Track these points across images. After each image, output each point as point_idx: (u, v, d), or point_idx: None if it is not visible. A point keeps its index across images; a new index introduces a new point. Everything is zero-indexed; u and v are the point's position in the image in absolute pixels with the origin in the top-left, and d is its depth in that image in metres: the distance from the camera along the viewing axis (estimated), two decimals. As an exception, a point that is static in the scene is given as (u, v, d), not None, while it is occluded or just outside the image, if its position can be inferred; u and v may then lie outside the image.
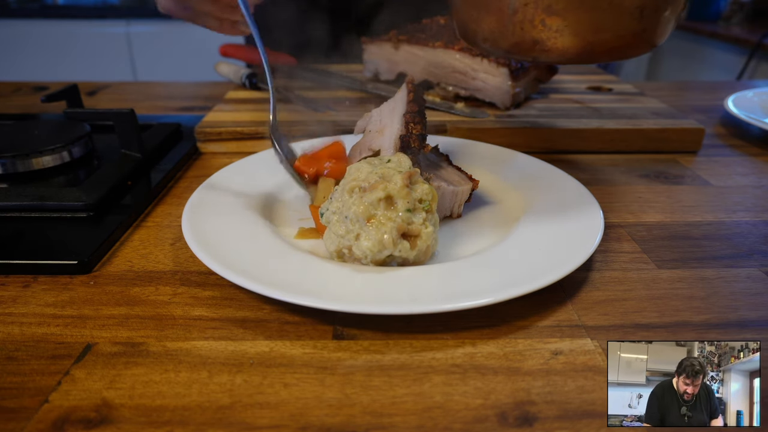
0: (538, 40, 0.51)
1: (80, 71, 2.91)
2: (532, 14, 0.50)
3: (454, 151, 0.71)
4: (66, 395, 0.36)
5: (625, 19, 0.49)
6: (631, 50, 0.53)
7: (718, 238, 0.57)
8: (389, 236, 0.45)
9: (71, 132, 0.73)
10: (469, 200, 0.57)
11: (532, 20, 0.50)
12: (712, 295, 0.47)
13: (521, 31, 0.52)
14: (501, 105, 0.87)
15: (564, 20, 0.50)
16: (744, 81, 2.12)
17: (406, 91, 0.61)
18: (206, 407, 0.35)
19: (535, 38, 0.51)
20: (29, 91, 1.15)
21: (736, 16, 2.67)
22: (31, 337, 0.42)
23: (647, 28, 0.50)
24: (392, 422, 0.34)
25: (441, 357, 0.40)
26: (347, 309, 0.40)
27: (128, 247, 0.54)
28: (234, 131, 0.79)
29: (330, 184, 0.57)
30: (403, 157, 0.50)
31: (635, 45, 0.52)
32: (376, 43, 0.99)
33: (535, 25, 0.51)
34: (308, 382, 0.37)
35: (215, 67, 1.09)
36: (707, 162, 0.78)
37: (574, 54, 0.52)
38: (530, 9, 0.50)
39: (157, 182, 0.67)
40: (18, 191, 0.60)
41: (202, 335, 0.42)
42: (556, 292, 0.47)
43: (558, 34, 0.50)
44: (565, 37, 0.50)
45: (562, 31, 0.50)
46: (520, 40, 0.52)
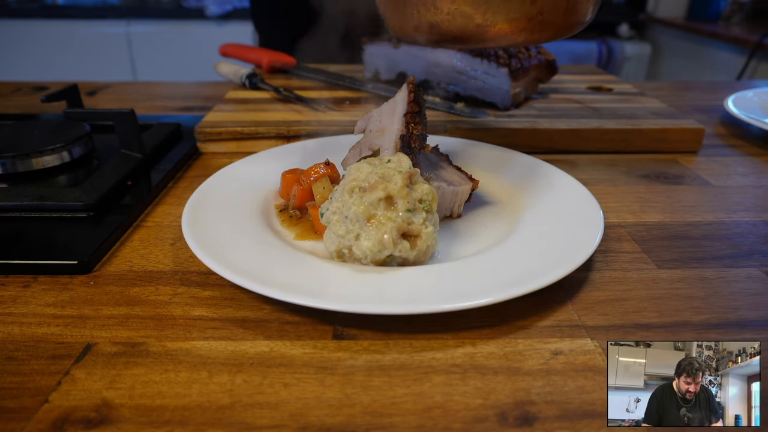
0: (433, 23, 0.52)
1: (80, 71, 2.92)
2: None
3: (454, 151, 0.71)
4: (66, 395, 0.36)
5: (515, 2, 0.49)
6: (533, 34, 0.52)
7: (718, 238, 0.57)
8: (389, 236, 0.45)
9: (71, 132, 0.73)
10: (469, 200, 0.57)
11: (425, 3, 0.51)
12: (712, 295, 0.47)
13: (417, 14, 0.52)
14: (501, 105, 0.87)
15: (452, 3, 0.50)
16: (744, 81, 2.12)
17: (406, 91, 0.61)
18: (206, 407, 0.35)
19: (430, 21, 0.52)
20: (29, 91, 1.15)
21: (736, 16, 2.67)
22: (31, 337, 0.42)
23: (544, 11, 0.49)
24: (392, 422, 0.34)
25: (441, 357, 0.40)
26: (347, 309, 0.40)
27: (128, 247, 0.54)
28: (234, 131, 0.79)
29: (323, 185, 0.57)
30: (403, 157, 0.50)
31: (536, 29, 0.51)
32: (376, 43, 1.00)
33: (429, 9, 0.51)
34: (308, 382, 0.37)
35: (215, 67, 1.09)
36: (707, 162, 0.78)
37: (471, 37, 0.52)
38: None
39: (157, 182, 0.67)
40: (18, 191, 0.60)
41: (202, 335, 0.42)
42: (556, 292, 0.47)
43: (450, 17, 0.51)
44: (457, 20, 0.51)
45: (452, 13, 0.50)
46: (417, 23, 0.53)
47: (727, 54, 2.45)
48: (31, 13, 2.95)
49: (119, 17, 3.00)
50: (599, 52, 2.97)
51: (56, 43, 2.96)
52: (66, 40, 2.96)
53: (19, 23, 2.93)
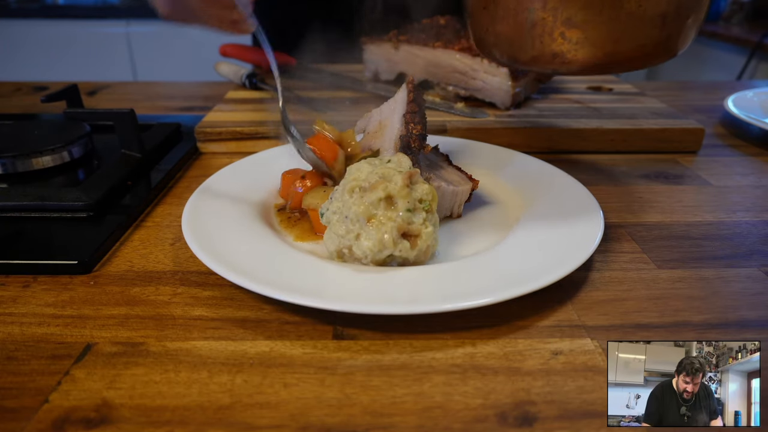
0: (557, 53, 0.50)
1: (80, 71, 2.92)
2: (551, 27, 0.49)
3: (454, 151, 0.71)
4: (66, 395, 0.36)
5: (647, 28, 0.48)
6: (652, 59, 0.51)
7: (718, 238, 0.57)
8: (389, 236, 0.45)
9: (71, 132, 0.73)
10: (469, 200, 0.57)
11: (551, 33, 0.49)
12: (712, 295, 0.47)
13: (540, 44, 0.50)
14: (501, 105, 0.87)
15: (584, 32, 0.48)
16: (744, 81, 2.12)
17: (406, 91, 0.61)
18: (206, 407, 0.35)
19: (554, 51, 0.50)
20: (29, 91, 1.15)
21: (736, 16, 2.67)
22: (31, 337, 0.42)
23: (671, 36, 0.49)
24: (392, 422, 0.34)
25: (441, 357, 0.40)
26: (347, 309, 0.40)
27: (128, 247, 0.54)
28: (234, 131, 0.79)
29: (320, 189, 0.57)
30: (403, 157, 0.50)
31: (657, 54, 0.51)
32: (376, 43, 0.99)
33: (555, 38, 0.49)
34: (308, 382, 0.37)
35: (215, 67, 1.09)
36: (707, 162, 0.78)
37: (594, 65, 0.51)
38: (549, 22, 0.49)
39: (157, 182, 0.67)
40: (18, 191, 0.60)
41: (202, 335, 0.42)
42: (556, 292, 0.47)
43: (578, 46, 0.49)
44: (585, 49, 0.49)
45: (582, 43, 0.49)
46: (539, 53, 0.51)
47: (727, 54, 2.44)
48: (31, 13, 2.94)
49: (119, 17, 2.99)
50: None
51: (56, 43, 2.96)
52: (66, 40, 2.96)
53: (19, 23, 2.93)
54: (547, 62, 0.52)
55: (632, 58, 0.50)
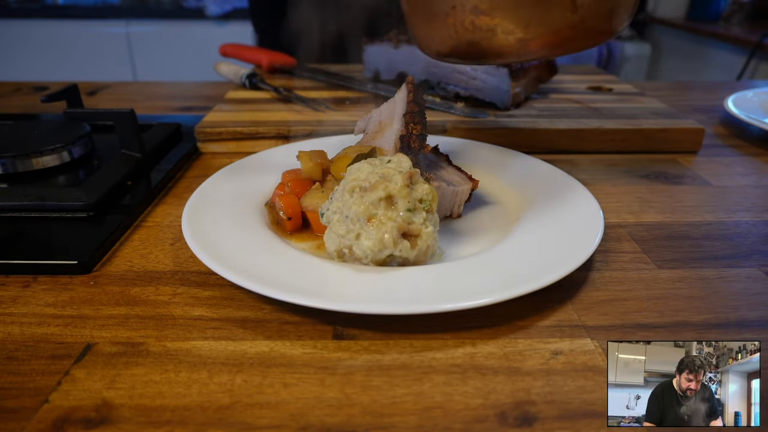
0: (473, 42, 0.51)
1: (80, 71, 2.92)
2: (461, 16, 0.50)
3: (454, 151, 0.71)
4: (66, 395, 0.36)
5: (555, 12, 0.47)
6: (578, 42, 0.50)
7: (718, 238, 0.57)
8: (390, 236, 0.45)
9: (71, 132, 0.73)
10: (469, 200, 0.57)
11: (463, 22, 0.50)
12: (712, 295, 0.47)
13: (456, 34, 0.51)
14: (501, 105, 0.87)
15: (492, 19, 0.49)
16: (744, 81, 2.12)
17: (406, 91, 0.61)
18: (206, 407, 0.35)
19: (469, 40, 0.51)
20: (29, 91, 1.15)
21: (736, 16, 2.67)
22: (31, 337, 0.42)
23: (585, 18, 0.48)
24: (392, 422, 0.34)
25: (441, 357, 0.40)
26: (347, 309, 0.40)
27: (128, 247, 0.54)
28: (234, 131, 0.79)
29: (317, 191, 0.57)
30: (403, 157, 0.50)
31: (579, 37, 0.50)
32: (376, 43, 0.99)
33: (467, 27, 0.50)
34: (308, 382, 0.37)
35: (215, 67, 1.09)
36: (707, 162, 0.78)
37: (512, 52, 0.51)
38: (458, 12, 0.49)
39: (157, 182, 0.67)
40: (18, 191, 0.60)
41: (202, 335, 0.42)
42: (556, 292, 0.47)
43: (491, 33, 0.49)
44: (498, 36, 0.49)
45: (493, 30, 0.49)
46: (456, 43, 0.52)
47: (727, 54, 2.45)
48: (31, 13, 2.95)
49: (119, 17, 3.00)
50: (599, 52, 2.96)
51: (56, 43, 2.96)
52: (66, 40, 2.96)
53: (19, 23, 2.94)
54: (465, 52, 0.52)
55: (552, 43, 0.50)
